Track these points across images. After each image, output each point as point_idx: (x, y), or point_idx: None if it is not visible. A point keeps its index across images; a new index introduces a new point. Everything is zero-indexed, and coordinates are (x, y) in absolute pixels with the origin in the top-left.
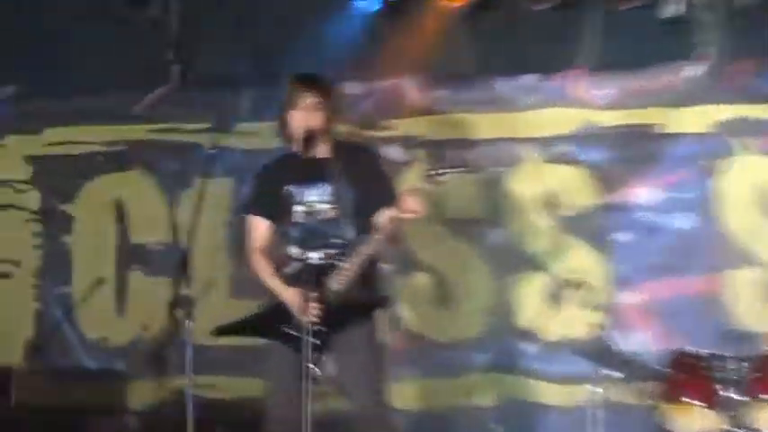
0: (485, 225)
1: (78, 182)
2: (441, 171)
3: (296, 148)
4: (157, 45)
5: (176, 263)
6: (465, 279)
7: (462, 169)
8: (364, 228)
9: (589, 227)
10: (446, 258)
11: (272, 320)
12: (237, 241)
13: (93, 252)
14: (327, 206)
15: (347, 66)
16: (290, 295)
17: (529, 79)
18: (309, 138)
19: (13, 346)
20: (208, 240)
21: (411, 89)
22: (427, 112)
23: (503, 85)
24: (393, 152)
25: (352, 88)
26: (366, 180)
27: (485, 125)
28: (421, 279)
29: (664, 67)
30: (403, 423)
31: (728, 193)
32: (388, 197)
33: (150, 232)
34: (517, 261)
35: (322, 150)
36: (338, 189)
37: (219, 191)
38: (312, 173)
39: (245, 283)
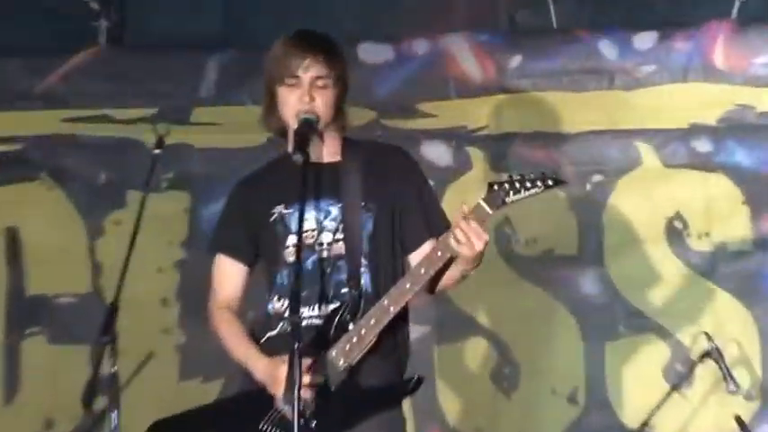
0: (573, 265)
1: None
2: (511, 184)
3: (288, 147)
4: None
5: (98, 324)
6: (540, 348)
7: (543, 182)
8: (389, 270)
9: (736, 269)
10: (513, 316)
11: (241, 412)
12: (194, 291)
13: None
14: (334, 237)
15: (365, 20)
16: (270, 373)
17: (644, 39)
18: (308, 131)
19: None
20: (147, 290)
21: (463, 54)
22: (490, 89)
23: (605, 49)
24: (436, 153)
25: (373, 53)
26: (394, 197)
27: (577, 111)
28: (474, 348)
29: None
30: None
31: None
32: (427, 224)
33: (58, 277)
34: (621, 320)
35: (327, 151)
36: (351, 211)
37: (168, 213)
38: (313, 187)
39: (202, 354)
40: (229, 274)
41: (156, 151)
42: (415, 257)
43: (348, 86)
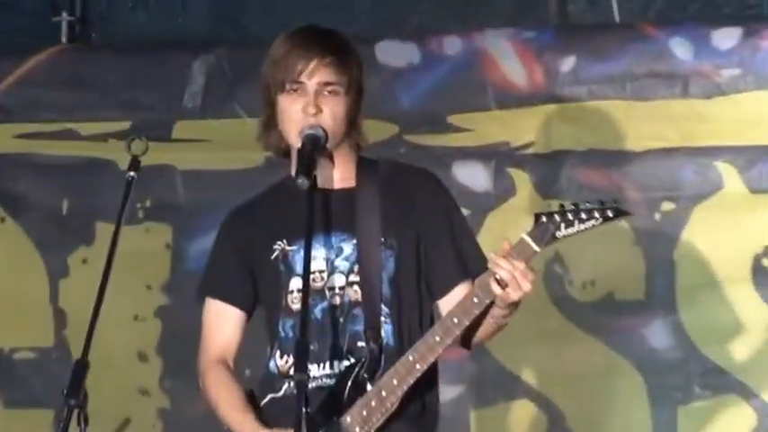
0: (639, 312)
1: None
2: (562, 216)
3: (291, 169)
4: None
5: (63, 384)
6: (599, 413)
7: (602, 213)
8: (414, 320)
9: None
10: (566, 374)
11: None
12: (179, 344)
13: None
14: (348, 280)
15: (384, 13)
16: None
17: (725, 36)
18: (314, 149)
19: None
20: (122, 342)
21: (505, 55)
22: (537, 98)
23: (677, 48)
24: (471, 176)
25: (394, 54)
26: (420, 231)
27: (643, 124)
28: (519, 412)
29: None
30: None
31: None
32: (460, 263)
33: (14, 328)
34: (697, 378)
35: (339, 174)
36: (368, 248)
37: (146, 249)
38: (321, 218)
39: (188, 421)
40: (222, 323)
41: (131, 174)
42: (445, 303)
43: (363, 94)
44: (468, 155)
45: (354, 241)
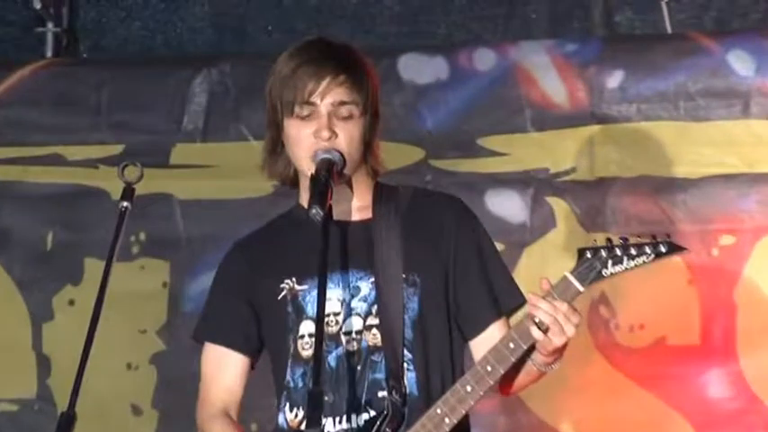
0: (695, 360)
1: None
2: (609, 251)
3: (301, 199)
4: None
5: None
6: None
7: (654, 248)
8: (442, 367)
9: None
10: (612, 429)
11: None
12: (176, 395)
13: None
14: (366, 323)
15: (407, 22)
16: None
17: None
18: (328, 177)
19: None
20: (114, 393)
21: (543, 70)
22: (579, 118)
23: (737, 63)
24: (506, 206)
25: (418, 69)
26: (447, 266)
27: (699, 148)
28: None
29: None
30: None
31: None
32: (493, 301)
33: None
34: None
35: (356, 204)
36: (389, 287)
37: (140, 289)
38: (336, 254)
39: None
40: (223, 370)
41: (124, 204)
42: (478, 345)
43: (382, 115)
44: (503, 182)
45: (373, 279)
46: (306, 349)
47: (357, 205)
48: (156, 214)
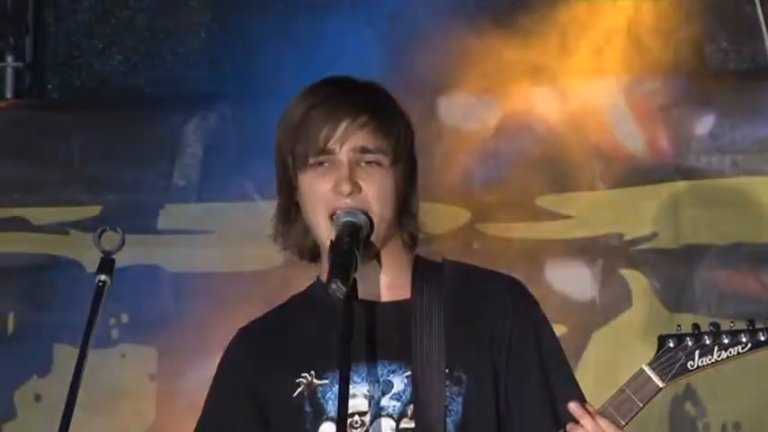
0: None
1: None
2: (697, 340)
3: (321, 273)
4: None
5: None
6: None
7: (752, 337)
8: None
9: None
10: None
11: None
12: None
13: None
14: (399, 426)
15: (446, 56)
16: None
17: None
18: (352, 245)
19: None
20: None
21: (616, 113)
22: (661, 173)
23: None
24: (570, 280)
25: (463, 111)
26: (498, 360)
27: None
28: None
29: None
30: None
31: None
32: (553, 409)
33: None
34: None
35: (388, 280)
36: (428, 383)
37: (124, 382)
38: (363, 341)
39: None
40: None
41: (102, 278)
42: None
43: (417, 166)
44: (567, 251)
45: (408, 373)
46: None
47: (389, 281)
48: (141, 290)
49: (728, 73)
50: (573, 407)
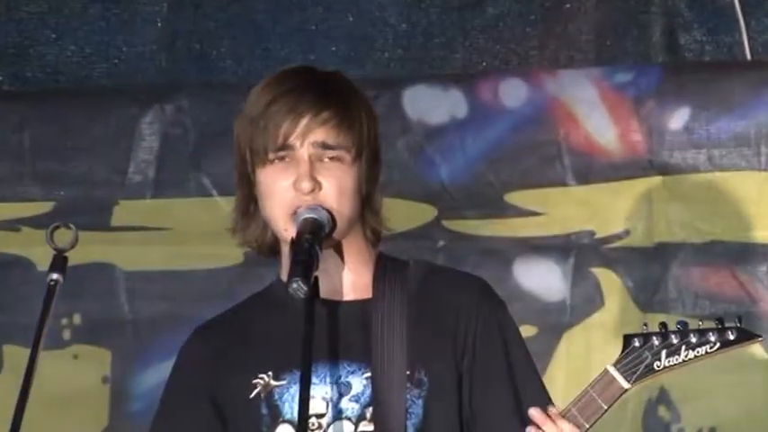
0: None
1: None
2: (664, 339)
3: (280, 271)
4: None
5: None
6: None
7: (721, 336)
8: None
9: None
10: None
11: None
12: None
13: None
14: (358, 429)
15: (414, 48)
16: None
17: None
18: (313, 242)
19: None
20: None
21: (588, 106)
22: (634, 168)
23: None
24: (539, 280)
25: (429, 105)
26: (462, 362)
27: None
28: None
29: None
30: None
31: None
32: (519, 412)
33: None
34: None
35: (350, 279)
36: (388, 385)
37: (75, 385)
38: (323, 341)
39: None
40: None
41: (54, 277)
42: None
43: (381, 162)
44: (536, 249)
45: (368, 375)
46: None
47: (351, 280)
48: (94, 290)
49: (704, 64)
50: (533, 413)
